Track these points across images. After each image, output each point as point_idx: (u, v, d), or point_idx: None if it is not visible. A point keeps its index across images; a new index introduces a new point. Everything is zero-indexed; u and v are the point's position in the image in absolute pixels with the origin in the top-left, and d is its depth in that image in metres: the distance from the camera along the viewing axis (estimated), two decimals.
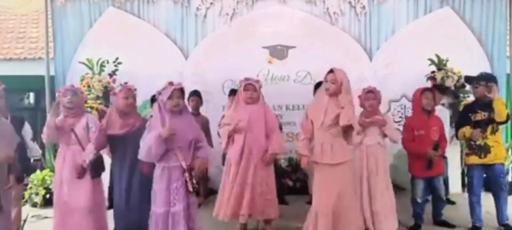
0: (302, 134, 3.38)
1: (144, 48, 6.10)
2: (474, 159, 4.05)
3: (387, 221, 3.82)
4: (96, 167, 3.66)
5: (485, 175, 4.12)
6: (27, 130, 4.12)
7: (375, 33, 6.24)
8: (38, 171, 5.51)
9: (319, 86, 3.70)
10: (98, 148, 3.52)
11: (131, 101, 3.57)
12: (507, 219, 4.10)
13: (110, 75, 5.87)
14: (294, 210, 4.45)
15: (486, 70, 5.39)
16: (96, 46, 6.04)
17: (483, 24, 6.17)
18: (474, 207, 4.10)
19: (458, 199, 5.18)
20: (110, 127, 3.51)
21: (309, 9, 6.21)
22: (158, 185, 3.16)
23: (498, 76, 5.65)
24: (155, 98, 3.87)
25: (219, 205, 4.02)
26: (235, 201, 3.89)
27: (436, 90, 5.21)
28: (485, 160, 4.01)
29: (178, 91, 3.17)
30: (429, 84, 5.73)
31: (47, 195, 5.18)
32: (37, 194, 5.31)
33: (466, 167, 4.31)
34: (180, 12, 6.22)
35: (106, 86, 5.75)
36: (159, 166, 3.17)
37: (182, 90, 3.21)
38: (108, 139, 3.54)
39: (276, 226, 4.14)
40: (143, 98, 5.04)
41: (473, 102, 4.27)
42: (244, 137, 3.94)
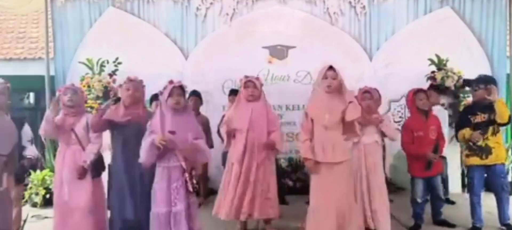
0: (303, 135, 3.31)
1: (144, 48, 6.10)
2: (475, 160, 4.04)
3: (384, 219, 3.82)
4: (96, 167, 3.67)
5: (485, 175, 4.11)
6: (26, 131, 4.09)
7: (375, 33, 6.25)
8: (38, 171, 5.52)
9: None
10: (93, 126, 3.52)
11: (132, 92, 3.54)
12: (509, 219, 4.10)
13: (110, 75, 5.88)
14: (294, 210, 4.44)
15: (486, 70, 5.43)
16: (96, 46, 6.05)
17: (483, 24, 6.18)
18: (474, 208, 4.09)
19: (458, 199, 5.18)
20: (112, 114, 3.52)
21: (309, 9, 6.22)
22: (159, 185, 3.15)
23: (498, 76, 5.68)
24: (155, 98, 3.88)
25: (220, 204, 4.00)
26: (239, 201, 3.88)
27: (433, 90, 5.23)
28: (486, 161, 4.00)
29: (179, 89, 3.16)
30: (429, 84, 5.74)
31: (47, 195, 5.18)
32: (37, 194, 5.31)
33: (466, 167, 4.31)
34: (180, 12, 6.22)
35: (106, 86, 5.76)
36: (160, 165, 3.16)
37: (182, 88, 3.19)
38: (109, 126, 3.55)
39: (276, 226, 4.13)
40: None
41: (472, 104, 4.26)
42: (246, 135, 3.92)
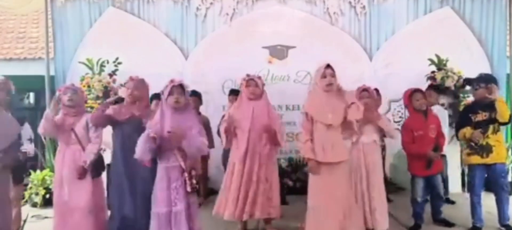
0: (304, 135, 3.30)
1: (144, 48, 6.09)
2: (476, 159, 4.04)
3: (382, 218, 3.81)
4: (96, 167, 3.68)
5: (486, 175, 4.10)
6: (26, 129, 4.09)
7: (375, 33, 6.24)
8: (38, 171, 5.52)
9: None
10: (93, 120, 3.59)
11: (131, 91, 3.59)
12: (508, 219, 4.09)
13: (110, 75, 5.88)
14: (294, 210, 4.44)
15: (486, 70, 5.41)
16: (96, 46, 6.04)
17: (483, 24, 6.17)
18: (475, 208, 4.09)
19: (458, 199, 5.18)
20: (113, 111, 3.61)
21: (309, 9, 6.21)
22: (159, 185, 3.15)
23: (498, 76, 5.67)
24: (155, 97, 3.89)
25: (221, 204, 3.99)
26: (243, 201, 3.88)
27: (432, 89, 5.23)
28: (486, 160, 4.00)
29: (179, 88, 3.15)
30: (429, 84, 5.74)
31: (47, 195, 5.19)
32: (37, 194, 5.32)
33: (466, 167, 4.30)
34: (180, 12, 6.22)
35: (106, 86, 5.76)
36: (160, 165, 3.17)
37: (183, 87, 3.18)
38: (109, 122, 3.63)
39: (276, 226, 4.13)
40: None
41: (473, 103, 4.26)
42: (248, 135, 3.92)
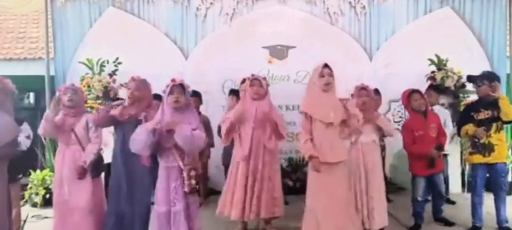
0: (304, 135, 3.31)
1: (144, 48, 6.09)
2: (478, 158, 4.03)
3: (380, 218, 3.81)
4: (96, 167, 3.68)
5: (488, 174, 4.09)
6: (25, 128, 4.06)
7: (375, 33, 6.24)
8: (38, 171, 5.52)
9: None
10: (97, 121, 3.61)
11: (131, 91, 3.58)
12: (507, 221, 4.07)
13: (110, 75, 5.87)
14: (294, 210, 4.42)
15: (486, 70, 5.40)
16: (96, 46, 6.04)
17: (483, 24, 6.17)
18: (476, 208, 4.08)
19: (458, 199, 5.18)
20: (119, 112, 3.59)
21: (309, 9, 6.21)
22: (159, 184, 3.18)
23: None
24: (155, 97, 3.89)
25: (225, 204, 3.99)
26: (249, 201, 3.89)
27: (432, 89, 5.24)
28: (488, 159, 3.99)
29: (179, 87, 3.16)
30: (429, 84, 5.75)
31: (47, 195, 5.18)
32: (37, 194, 5.31)
33: (468, 166, 4.30)
34: (180, 12, 6.21)
35: (106, 86, 5.75)
36: (161, 165, 3.18)
37: (183, 86, 3.18)
38: (112, 122, 3.63)
39: (276, 226, 4.13)
40: None
41: (476, 101, 4.23)
42: (251, 134, 3.93)
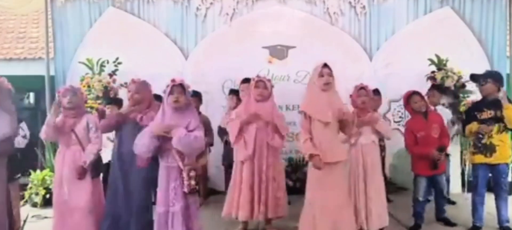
0: (304, 134, 3.30)
1: (144, 48, 6.08)
2: (479, 158, 4.02)
3: (379, 218, 3.81)
4: (95, 168, 3.68)
5: (490, 174, 4.08)
6: (22, 127, 4.06)
7: (375, 33, 6.23)
8: (38, 171, 5.52)
9: None
10: (104, 128, 3.68)
11: (131, 94, 3.59)
12: (508, 221, 4.07)
13: (110, 75, 5.87)
14: (294, 210, 4.42)
15: (485, 70, 5.39)
16: (96, 46, 6.03)
17: (483, 24, 6.17)
18: (476, 207, 4.08)
19: (458, 199, 5.18)
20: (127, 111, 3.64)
21: (309, 9, 6.20)
22: (159, 184, 3.18)
23: None
24: (155, 98, 3.89)
25: (232, 205, 3.98)
26: (258, 201, 3.89)
27: (435, 90, 5.25)
28: (490, 160, 3.98)
29: (179, 87, 3.16)
30: (429, 84, 5.75)
31: (47, 195, 5.17)
32: (37, 194, 5.30)
33: (470, 166, 4.29)
34: (180, 12, 6.21)
35: (106, 86, 5.74)
36: (161, 165, 3.19)
37: (183, 86, 3.19)
38: (117, 126, 3.65)
39: (276, 226, 4.13)
40: None
41: (479, 101, 4.22)
42: (255, 135, 3.93)
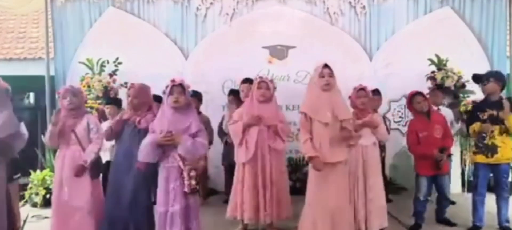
0: (303, 135, 3.29)
1: (144, 48, 6.09)
2: (480, 158, 4.02)
3: (379, 220, 3.81)
4: (95, 168, 3.69)
5: (491, 174, 4.08)
6: (22, 127, 4.06)
7: (375, 33, 6.24)
8: (38, 171, 5.52)
9: None
10: (110, 137, 3.69)
11: (130, 99, 3.60)
12: (508, 222, 4.07)
13: (110, 75, 5.87)
14: (294, 210, 4.43)
15: (486, 70, 5.39)
16: (96, 46, 6.04)
17: (483, 24, 6.18)
18: (477, 207, 4.07)
19: (458, 199, 5.18)
20: (129, 115, 3.64)
21: (309, 9, 6.21)
22: (160, 185, 3.18)
23: None
24: (155, 99, 3.89)
25: (236, 206, 3.97)
26: (263, 203, 3.89)
27: (438, 89, 5.25)
28: (491, 160, 3.97)
29: (178, 87, 3.16)
30: (429, 84, 5.76)
31: (47, 195, 5.16)
32: (37, 194, 5.30)
33: (471, 165, 4.29)
34: (180, 12, 6.21)
35: (106, 86, 5.75)
36: (161, 165, 3.18)
37: (183, 86, 3.19)
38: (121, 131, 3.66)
39: (276, 226, 4.13)
40: None
41: (482, 101, 4.21)
42: (257, 137, 3.91)
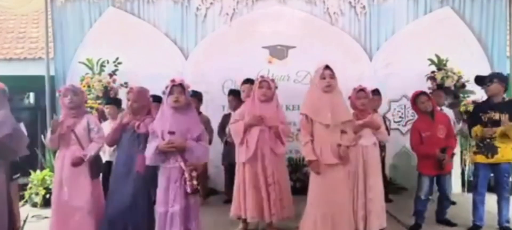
0: (304, 137, 3.30)
1: (144, 48, 6.09)
2: (480, 158, 4.02)
3: (379, 220, 3.81)
4: (96, 168, 3.69)
5: (491, 174, 4.08)
6: (21, 128, 4.07)
7: (375, 33, 6.24)
8: (38, 171, 5.52)
9: None
10: (111, 142, 3.68)
11: (130, 103, 3.59)
12: (508, 222, 4.07)
13: (110, 75, 5.87)
14: (294, 210, 4.44)
15: (486, 70, 5.40)
16: (96, 46, 6.04)
17: (483, 24, 6.18)
18: (477, 207, 4.07)
19: (458, 199, 5.18)
20: (129, 119, 3.61)
21: (309, 9, 6.21)
22: (160, 185, 3.18)
23: None
24: (154, 99, 3.89)
25: (239, 206, 3.97)
26: (267, 202, 3.89)
27: (440, 90, 5.25)
28: (492, 160, 3.97)
29: (178, 87, 3.16)
30: (429, 84, 5.76)
31: (47, 195, 5.16)
32: (37, 194, 5.30)
33: (471, 165, 4.29)
34: (180, 12, 6.21)
35: (106, 86, 5.75)
36: (162, 166, 3.18)
37: (183, 86, 3.19)
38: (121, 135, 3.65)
39: (276, 226, 4.13)
40: None
41: (484, 102, 4.20)
42: (257, 137, 3.91)
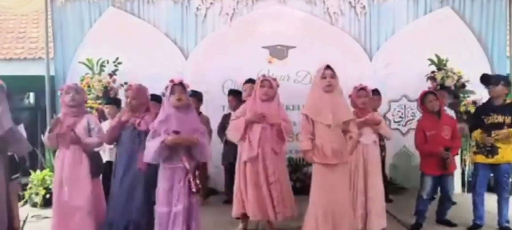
0: (305, 134, 3.30)
1: (144, 48, 6.10)
2: (480, 158, 4.03)
3: (378, 219, 3.81)
4: (96, 168, 3.69)
5: (491, 174, 4.09)
6: (21, 129, 4.07)
7: (375, 33, 6.24)
8: (38, 171, 5.52)
9: None
10: (110, 141, 3.72)
11: (129, 100, 3.60)
12: (508, 222, 4.07)
13: (110, 75, 5.88)
14: (297, 209, 4.44)
15: (486, 70, 5.41)
16: (96, 46, 6.05)
17: (483, 24, 6.18)
18: (477, 207, 4.09)
19: (459, 199, 5.16)
20: (127, 117, 3.63)
21: (309, 9, 6.21)
22: (162, 185, 3.17)
23: None
24: (153, 99, 3.90)
25: (241, 205, 3.97)
26: (270, 201, 3.89)
27: (442, 90, 5.27)
28: (491, 160, 3.98)
29: (179, 86, 3.17)
30: (429, 84, 5.76)
31: (47, 195, 5.17)
32: (37, 194, 5.30)
33: (471, 165, 4.29)
34: (180, 12, 6.22)
35: (106, 86, 5.76)
36: (163, 166, 3.18)
37: (183, 85, 3.20)
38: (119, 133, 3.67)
39: (276, 226, 4.13)
40: None
41: (486, 104, 4.20)
42: (259, 136, 3.91)
